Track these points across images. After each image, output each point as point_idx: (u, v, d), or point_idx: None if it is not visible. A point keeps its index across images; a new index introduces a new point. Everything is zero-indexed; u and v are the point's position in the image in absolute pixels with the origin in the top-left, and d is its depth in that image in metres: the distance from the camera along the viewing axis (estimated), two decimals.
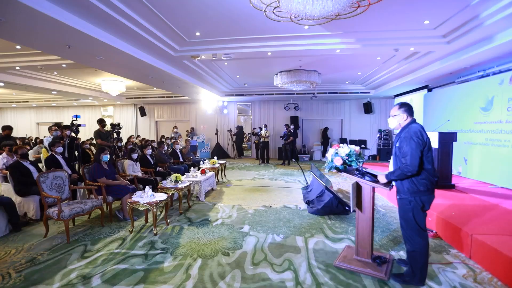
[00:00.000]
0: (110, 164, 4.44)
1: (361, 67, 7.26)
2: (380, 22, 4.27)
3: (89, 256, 3.00)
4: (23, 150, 4.19)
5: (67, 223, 3.33)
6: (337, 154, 2.55)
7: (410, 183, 2.35)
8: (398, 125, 2.51)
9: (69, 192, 3.84)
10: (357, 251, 2.83)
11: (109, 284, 2.47)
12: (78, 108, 13.69)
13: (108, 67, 5.85)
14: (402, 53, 5.68)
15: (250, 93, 11.33)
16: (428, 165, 2.31)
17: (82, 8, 3.46)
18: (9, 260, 2.92)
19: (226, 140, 12.93)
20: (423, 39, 4.80)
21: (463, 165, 6.40)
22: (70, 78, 8.14)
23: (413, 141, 2.27)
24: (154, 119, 13.65)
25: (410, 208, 2.39)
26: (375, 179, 2.53)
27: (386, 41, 4.91)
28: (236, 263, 2.86)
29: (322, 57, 6.17)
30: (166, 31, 4.52)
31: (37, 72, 7.09)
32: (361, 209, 2.76)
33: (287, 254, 3.04)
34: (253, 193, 5.91)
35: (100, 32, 4.11)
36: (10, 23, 3.41)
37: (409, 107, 2.48)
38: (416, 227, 2.39)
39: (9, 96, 11.42)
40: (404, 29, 4.48)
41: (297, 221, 4.10)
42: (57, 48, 4.38)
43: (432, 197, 2.39)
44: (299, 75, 7.45)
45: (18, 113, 14.30)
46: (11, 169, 4.02)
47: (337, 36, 4.80)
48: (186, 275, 2.63)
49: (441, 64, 5.96)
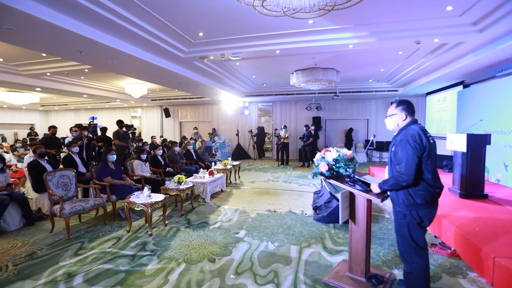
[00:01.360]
0: (117, 164, 4.59)
1: (383, 63, 6.70)
2: (393, 12, 3.85)
3: (82, 254, 3.09)
4: (40, 149, 4.50)
5: (68, 220, 3.48)
6: (323, 159, 2.29)
7: (406, 195, 2.02)
8: (396, 126, 2.18)
9: (75, 190, 4.03)
10: (350, 268, 2.53)
11: (88, 283, 2.50)
12: (110, 110, 14.66)
13: (122, 70, 6.11)
14: (426, 46, 5.09)
15: (270, 93, 11.15)
16: (427, 175, 1.96)
17: (81, 12, 3.59)
18: (12, 252, 3.12)
19: (247, 140, 12.89)
20: (449, 28, 4.24)
21: (503, 172, 5.55)
22: (96, 82, 8.71)
23: (410, 146, 1.94)
24: (178, 120, 14.10)
25: (405, 223, 2.06)
26: (367, 188, 2.23)
27: (404, 33, 4.42)
28: (219, 271, 2.73)
29: (338, 54, 5.80)
30: (170, 33, 4.57)
31: (66, 77, 7.68)
32: (355, 221, 2.47)
33: (275, 265, 2.84)
34: (262, 196, 5.74)
35: (106, 37, 4.27)
36: (22, 32, 3.67)
37: (408, 105, 2.14)
38: (412, 245, 2.05)
39: (51, 100, 12.60)
40: (423, 18, 3.99)
41: (298, 229, 3.85)
42: (70, 54, 4.66)
43: (433, 212, 2.04)
44: (315, 73, 7.11)
45: (60, 115, 15.76)
46: (29, 167, 4.33)
47: (347, 30, 4.44)
48: (164, 280, 2.56)
49: (475, 56, 5.24)
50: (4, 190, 3.86)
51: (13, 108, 13.79)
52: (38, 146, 4.53)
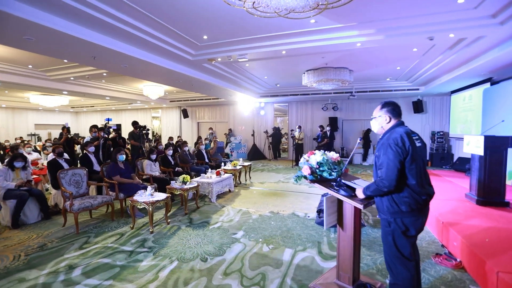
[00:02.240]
0: (126, 164, 4.82)
1: (398, 61, 6.37)
2: (399, 8, 3.65)
3: (86, 248, 3.29)
4: (59, 149, 4.84)
5: (76, 215, 3.72)
6: (306, 162, 2.24)
7: (390, 201, 1.92)
8: (381, 129, 2.08)
9: (86, 187, 4.30)
10: (338, 275, 2.45)
11: (85, 276, 2.66)
12: (132, 111, 15.39)
13: (136, 73, 6.39)
14: (442, 42, 4.77)
15: (285, 93, 11.06)
16: (411, 180, 1.84)
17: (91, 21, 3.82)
18: (27, 243, 3.41)
19: (263, 141, 12.90)
20: (464, 22, 3.94)
21: None
22: (116, 84, 9.19)
23: (391, 150, 1.84)
24: (196, 121, 14.45)
25: (389, 231, 1.96)
26: (351, 193, 2.14)
27: (414, 29, 4.18)
28: (208, 270, 2.77)
29: (348, 53, 5.61)
30: (176, 37, 4.70)
31: (88, 81, 8.21)
32: (342, 227, 2.38)
33: (265, 268, 2.83)
34: (268, 197, 5.72)
35: (116, 43, 4.50)
36: (39, 41, 3.99)
37: (394, 107, 2.03)
38: (397, 254, 1.94)
39: (79, 102, 13.52)
40: (432, 13, 3.74)
41: (297, 231, 3.80)
42: (84, 59, 4.98)
43: (420, 220, 1.91)
44: (326, 73, 6.95)
45: (88, 116, 16.84)
46: (48, 165, 4.69)
47: (352, 28, 4.29)
48: (154, 276, 2.66)
49: (500, 51, 4.81)
50: (24, 186, 4.21)
51: (47, 110, 14.96)
52: (57, 146, 4.89)
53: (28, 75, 7.00)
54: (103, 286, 2.51)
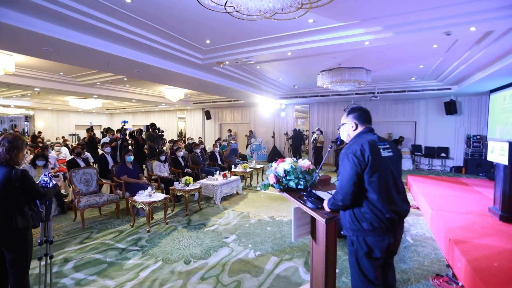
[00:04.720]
0: (134, 164, 5.08)
1: (419, 59, 5.85)
2: (404, 2, 3.35)
3: (85, 243, 3.53)
4: (77, 149, 5.28)
5: (82, 212, 4.01)
6: (273, 170, 2.14)
7: (352, 217, 1.75)
8: (348, 137, 1.92)
9: (96, 186, 4.61)
10: None
11: (74, 270, 2.85)
12: (160, 113, 16.20)
13: (150, 78, 6.71)
14: (465, 36, 4.27)
15: (304, 95, 10.81)
16: (372, 195, 1.66)
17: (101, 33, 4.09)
18: (36, 236, 3.74)
19: (283, 143, 12.75)
20: (487, 13, 3.48)
21: None
22: (139, 88, 9.74)
23: (347, 160, 1.69)
24: (218, 122, 14.75)
25: (353, 251, 1.79)
26: (319, 205, 2.01)
27: (426, 24, 3.80)
28: (187, 273, 2.80)
29: (359, 52, 5.29)
30: (180, 43, 4.84)
31: (113, 85, 8.81)
32: (315, 239, 2.25)
33: (243, 275, 2.78)
34: (274, 201, 5.63)
35: (125, 50, 4.77)
36: (57, 51, 4.38)
37: (360, 113, 1.86)
38: (361, 277, 1.76)
39: (112, 104, 14.60)
40: (446, 5, 3.37)
41: (290, 239, 3.67)
42: (99, 66, 5.37)
43: (385, 241, 1.69)
44: (340, 73, 6.64)
45: (121, 117, 18.10)
46: (67, 164, 5.13)
47: (356, 26, 4.04)
48: (134, 275, 2.75)
49: None
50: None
51: (86, 112, 16.40)
52: (76, 147, 5.33)
53: (61, 81, 7.74)
54: (87, 280, 2.66)
